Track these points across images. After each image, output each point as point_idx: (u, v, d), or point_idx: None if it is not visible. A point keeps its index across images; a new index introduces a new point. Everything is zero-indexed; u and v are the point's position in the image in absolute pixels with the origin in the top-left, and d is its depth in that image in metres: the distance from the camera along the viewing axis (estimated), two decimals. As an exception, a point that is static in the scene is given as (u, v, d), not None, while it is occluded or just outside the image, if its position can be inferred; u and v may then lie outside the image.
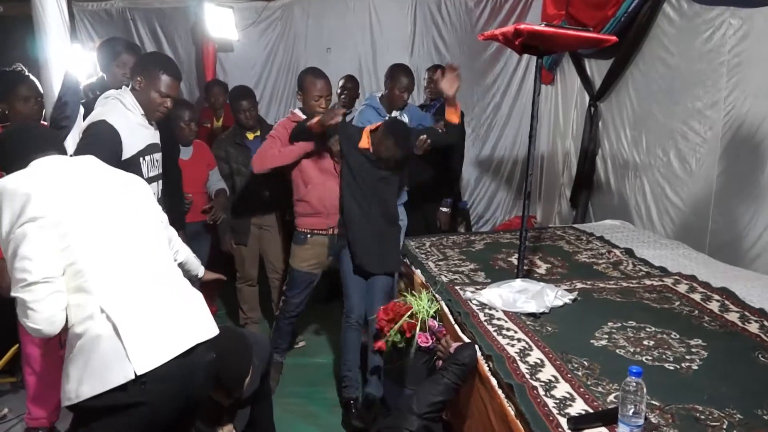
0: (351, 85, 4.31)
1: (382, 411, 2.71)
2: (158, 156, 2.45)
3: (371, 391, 2.79)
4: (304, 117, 2.97)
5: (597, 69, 4.34)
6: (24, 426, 2.89)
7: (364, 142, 2.80)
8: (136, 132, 2.29)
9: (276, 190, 3.43)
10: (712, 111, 3.21)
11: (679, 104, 3.48)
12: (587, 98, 4.45)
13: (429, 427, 1.93)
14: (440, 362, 2.17)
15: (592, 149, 4.37)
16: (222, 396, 2.11)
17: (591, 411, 1.62)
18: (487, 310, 2.36)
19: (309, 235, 3.07)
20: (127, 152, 2.24)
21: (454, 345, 2.15)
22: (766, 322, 2.19)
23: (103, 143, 2.14)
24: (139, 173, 2.23)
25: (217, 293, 4.01)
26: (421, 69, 4.65)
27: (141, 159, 2.29)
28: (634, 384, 1.48)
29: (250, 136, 3.56)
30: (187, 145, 3.35)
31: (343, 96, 4.23)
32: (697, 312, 2.33)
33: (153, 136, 2.38)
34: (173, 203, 2.67)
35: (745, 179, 3.01)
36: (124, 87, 2.36)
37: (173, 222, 2.59)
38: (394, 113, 3.39)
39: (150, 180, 2.31)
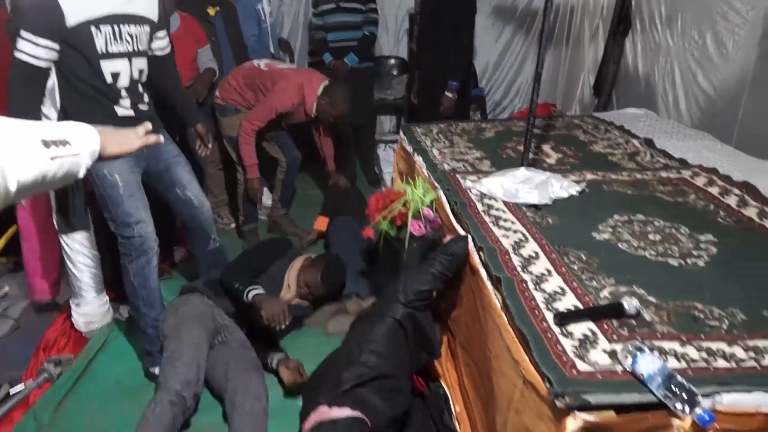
0: None
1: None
2: (134, 30, 2.15)
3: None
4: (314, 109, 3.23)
5: (633, -62, 3.88)
6: (26, 302, 2.96)
7: None
8: None
9: None
10: (757, -13, 2.85)
11: (721, -22, 3.11)
12: (621, -28, 4.02)
13: (414, 316, 1.87)
14: None
15: (621, 30, 4.01)
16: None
17: (581, 306, 1.53)
18: (486, 200, 2.23)
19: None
20: (71, 19, 1.97)
21: (448, 237, 2.06)
22: (786, 219, 2.04)
23: (29, 14, 1.92)
24: (90, 46, 2.02)
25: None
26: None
27: (94, 28, 2.02)
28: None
29: (212, 11, 3.33)
30: (169, 14, 3.10)
31: None
32: (712, 207, 2.17)
33: (126, 3, 2.11)
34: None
35: (785, 64, 2.72)
36: None
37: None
38: None
39: (110, 56, 2.08)
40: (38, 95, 2.08)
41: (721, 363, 1.32)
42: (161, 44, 2.37)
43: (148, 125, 1.39)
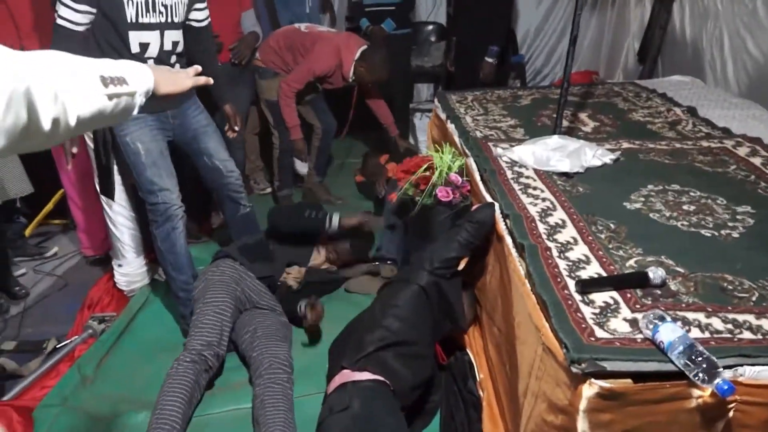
0: None
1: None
2: (170, 1, 2.15)
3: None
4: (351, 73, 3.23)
5: None
6: (74, 262, 3.11)
7: None
8: None
9: None
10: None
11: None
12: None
13: (438, 283, 1.88)
14: None
15: (669, -7, 3.84)
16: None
17: (604, 275, 1.51)
18: (516, 168, 2.20)
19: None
20: None
21: (475, 206, 2.05)
22: (831, 191, 1.95)
23: None
24: (120, 14, 2.05)
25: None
26: None
27: None
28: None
29: None
30: None
31: None
32: (753, 177, 2.09)
33: None
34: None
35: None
36: None
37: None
38: None
39: (139, 27, 2.11)
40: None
41: (747, 335, 1.29)
42: (199, 16, 2.35)
43: (198, 67, 1.39)
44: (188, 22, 2.33)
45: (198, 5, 2.33)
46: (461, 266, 2.00)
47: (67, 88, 0.84)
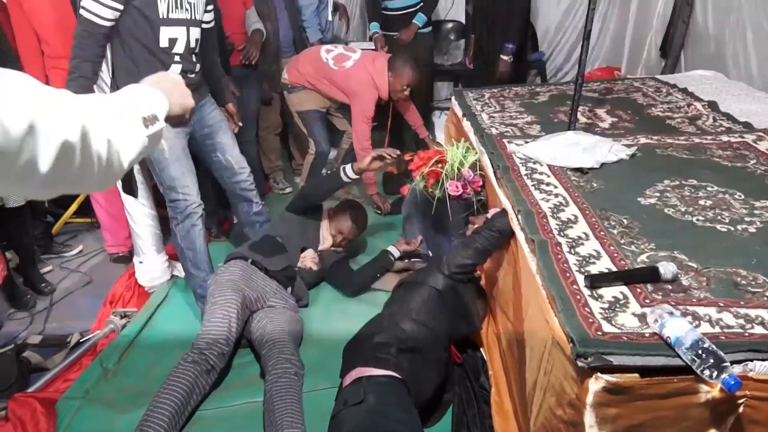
0: None
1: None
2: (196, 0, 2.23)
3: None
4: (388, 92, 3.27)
5: None
6: (98, 259, 3.18)
7: None
8: None
9: None
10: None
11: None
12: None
13: (455, 287, 1.89)
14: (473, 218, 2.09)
15: (692, -13, 3.78)
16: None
17: (615, 270, 1.50)
18: (530, 164, 2.19)
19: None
20: None
21: (492, 211, 2.05)
22: None
23: None
24: (153, 9, 2.10)
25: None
26: None
27: None
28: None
29: None
30: None
31: None
32: (773, 172, 2.05)
33: None
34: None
35: None
36: None
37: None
38: None
39: (170, 22, 2.16)
40: (99, 53, 2.19)
41: (758, 330, 1.27)
42: (208, 17, 2.41)
43: None
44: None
45: (209, 6, 2.38)
46: (478, 272, 2.00)
47: (119, 134, 0.84)
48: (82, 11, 2.07)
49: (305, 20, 3.91)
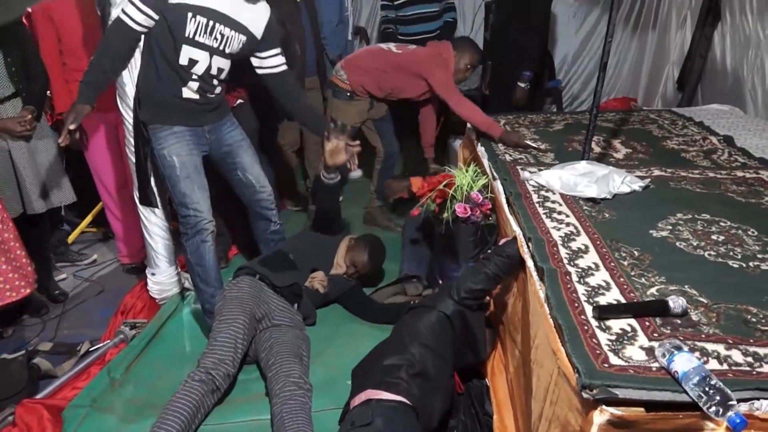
0: None
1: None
2: (228, 33, 2.26)
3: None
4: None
5: None
6: (111, 269, 3.22)
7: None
8: None
9: None
10: None
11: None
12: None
13: (464, 313, 1.89)
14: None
15: (710, 21, 3.80)
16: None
17: (623, 301, 1.50)
18: (543, 192, 2.21)
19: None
20: None
21: (504, 240, 2.05)
22: None
23: None
24: (180, 27, 2.15)
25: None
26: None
27: (190, 14, 2.16)
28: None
29: None
30: None
31: None
32: (788, 209, 2.04)
33: (233, 8, 2.23)
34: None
35: None
36: None
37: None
38: None
39: (194, 44, 2.21)
40: (122, 51, 2.25)
41: (766, 369, 1.26)
42: (273, 62, 2.44)
43: None
44: (261, 70, 2.45)
45: (265, 53, 2.41)
46: (488, 299, 2.00)
47: None
48: (120, 13, 2.16)
49: (325, 37, 3.95)
